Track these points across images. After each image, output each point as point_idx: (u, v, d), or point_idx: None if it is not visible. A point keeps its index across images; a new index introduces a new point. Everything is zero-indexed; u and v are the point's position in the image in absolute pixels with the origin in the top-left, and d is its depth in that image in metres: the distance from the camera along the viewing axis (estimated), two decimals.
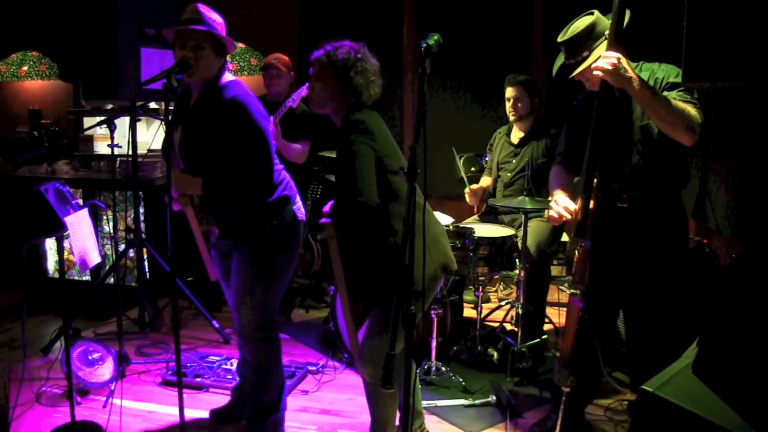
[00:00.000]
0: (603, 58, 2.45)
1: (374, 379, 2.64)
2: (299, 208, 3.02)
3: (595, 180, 2.61)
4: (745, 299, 2.17)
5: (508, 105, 4.27)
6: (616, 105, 2.69)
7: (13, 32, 6.72)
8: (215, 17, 2.80)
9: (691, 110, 2.51)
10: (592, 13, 2.71)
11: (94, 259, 3.41)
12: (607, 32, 2.63)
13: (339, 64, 2.64)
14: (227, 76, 2.87)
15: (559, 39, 2.74)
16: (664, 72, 2.67)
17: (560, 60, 2.86)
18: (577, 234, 2.67)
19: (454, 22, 5.90)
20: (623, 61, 2.44)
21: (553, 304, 4.45)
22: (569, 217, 2.70)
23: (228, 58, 2.89)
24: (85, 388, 3.58)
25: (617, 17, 2.50)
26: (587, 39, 2.68)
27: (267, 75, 4.46)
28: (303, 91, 4.07)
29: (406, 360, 2.01)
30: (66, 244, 3.17)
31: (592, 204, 2.61)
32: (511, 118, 4.29)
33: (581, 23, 2.69)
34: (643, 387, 2.11)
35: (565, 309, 2.88)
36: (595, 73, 2.47)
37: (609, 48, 2.50)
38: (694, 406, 2.02)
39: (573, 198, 2.76)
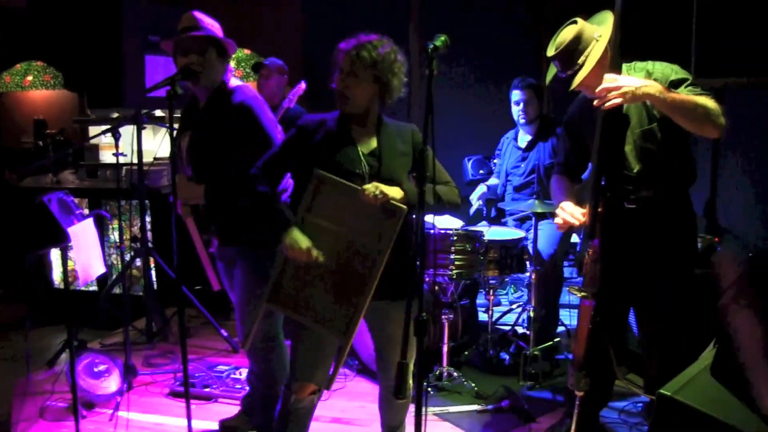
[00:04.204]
0: (609, 87, 2.43)
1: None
2: None
3: (603, 183, 2.59)
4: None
5: (517, 108, 4.22)
6: (618, 111, 2.66)
7: (17, 42, 6.71)
8: (211, 22, 2.84)
9: (709, 102, 2.48)
10: (576, 22, 2.68)
11: (98, 269, 3.38)
12: (596, 34, 2.62)
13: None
14: (234, 81, 2.86)
15: (549, 54, 2.71)
16: (661, 71, 2.63)
17: (552, 71, 2.83)
18: (587, 236, 2.65)
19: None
20: (627, 86, 2.42)
21: (565, 306, 4.40)
22: (577, 223, 2.70)
23: (234, 65, 2.89)
24: (90, 401, 3.52)
25: (616, 38, 2.51)
26: (576, 49, 2.64)
27: (259, 76, 4.52)
28: (299, 89, 4.05)
29: (419, 367, 1.97)
30: (71, 254, 3.14)
31: (600, 206, 2.59)
32: (521, 121, 4.24)
33: (568, 34, 2.66)
34: (661, 391, 2.05)
35: (576, 311, 2.84)
36: (611, 104, 2.44)
37: (611, 70, 2.50)
38: (714, 410, 1.97)
39: (578, 203, 2.76)
